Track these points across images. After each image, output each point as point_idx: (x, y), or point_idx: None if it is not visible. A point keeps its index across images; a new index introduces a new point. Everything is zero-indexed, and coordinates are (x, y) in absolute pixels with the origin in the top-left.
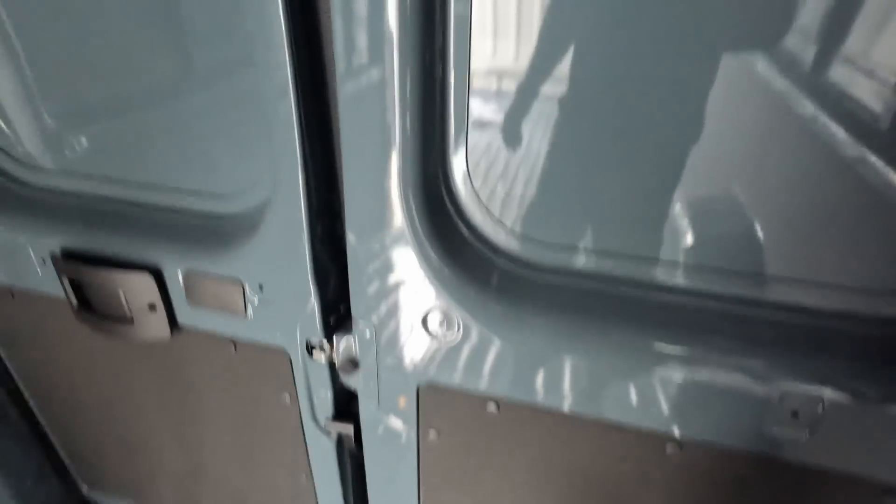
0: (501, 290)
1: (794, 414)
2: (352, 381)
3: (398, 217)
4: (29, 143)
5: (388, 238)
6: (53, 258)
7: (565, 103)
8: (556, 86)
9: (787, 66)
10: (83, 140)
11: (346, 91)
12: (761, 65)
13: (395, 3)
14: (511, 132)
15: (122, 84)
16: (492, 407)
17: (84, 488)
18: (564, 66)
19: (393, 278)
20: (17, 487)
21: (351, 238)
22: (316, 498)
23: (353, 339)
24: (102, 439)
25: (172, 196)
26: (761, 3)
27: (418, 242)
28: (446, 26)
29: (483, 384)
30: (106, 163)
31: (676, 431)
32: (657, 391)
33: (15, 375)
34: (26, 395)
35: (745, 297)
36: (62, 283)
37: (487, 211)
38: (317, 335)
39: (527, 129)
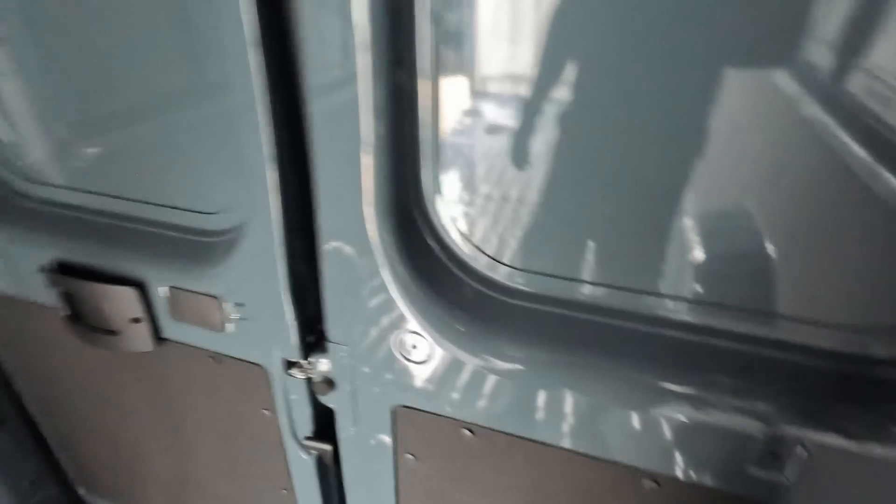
0: (474, 314)
1: (775, 455)
2: (328, 400)
3: (370, 238)
4: (30, 156)
5: (361, 259)
6: (46, 270)
7: (546, 118)
8: (535, 100)
9: (811, 90)
10: (79, 155)
11: (316, 112)
12: (780, 89)
13: (362, 24)
14: (486, 150)
15: (115, 104)
16: (466, 432)
17: (80, 491)
18: (544, 79)
19: (366, 300)
20: (15, 489)
21: (325, 259)
22: None
23: (326, 359)
24: (97, 444)
25: (159, 211)
26: (783, 21)
27: (390, 264)
28: (415, 42)
29: (456, 409)
30: (99, 177)
31: (654, 467)
32: (634, 426)
33: (15, 380)
34: (25, 399)
35: (729, 332)
36: (55, 294)
37: (462, 233)
38: (294, 354)
39: (503, 146)
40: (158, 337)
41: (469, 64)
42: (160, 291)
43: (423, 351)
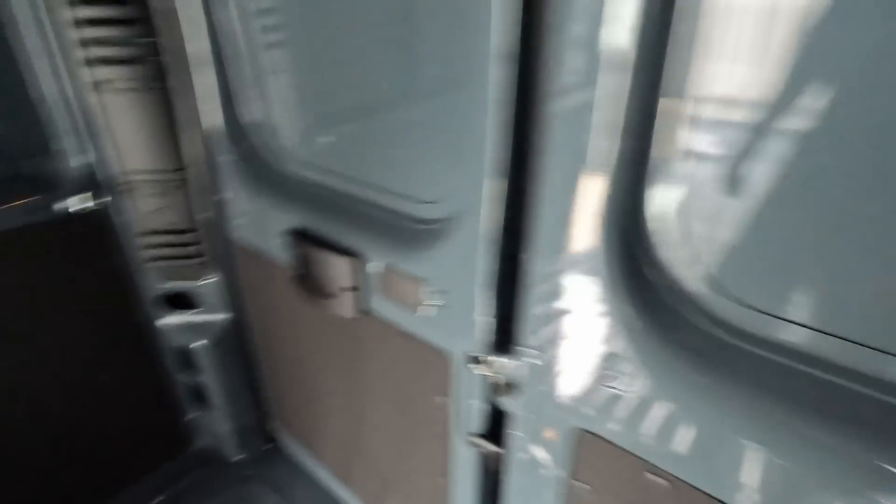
0: (693, 350)
1: None
2: (504, 403)
3: (588, 247)
4: (288, 139)
5: (572, 267)
6: (287, 233)
7: (807, 141)
8: (795, 120)
9: None
10: (326, 141)
11: (550, 125)
12: None
13: (617, 28)
14: (731, 171)
15: (355, 99)
16: (654, 478)
17: (276, 424)
18: (809, 98)
19: (568, 309)
20: (235, 407)
21: (530, 261)
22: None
23: (514, 362)
24: (294, 387)
25: (383, 195)
26: None
27: (607, 277)
28: (666, 50)
29: (647, 450)
30: (337, 160)
31: None
32: None
33: (250, 319)
34: (253, 335)
35: None
36: (289, 255)
37: (691, 260)
38: (480, 349)
39: (751, 169)
40: (364, 307)
41: (719, 88)
42: (372, 266)
43: (621, 376)
